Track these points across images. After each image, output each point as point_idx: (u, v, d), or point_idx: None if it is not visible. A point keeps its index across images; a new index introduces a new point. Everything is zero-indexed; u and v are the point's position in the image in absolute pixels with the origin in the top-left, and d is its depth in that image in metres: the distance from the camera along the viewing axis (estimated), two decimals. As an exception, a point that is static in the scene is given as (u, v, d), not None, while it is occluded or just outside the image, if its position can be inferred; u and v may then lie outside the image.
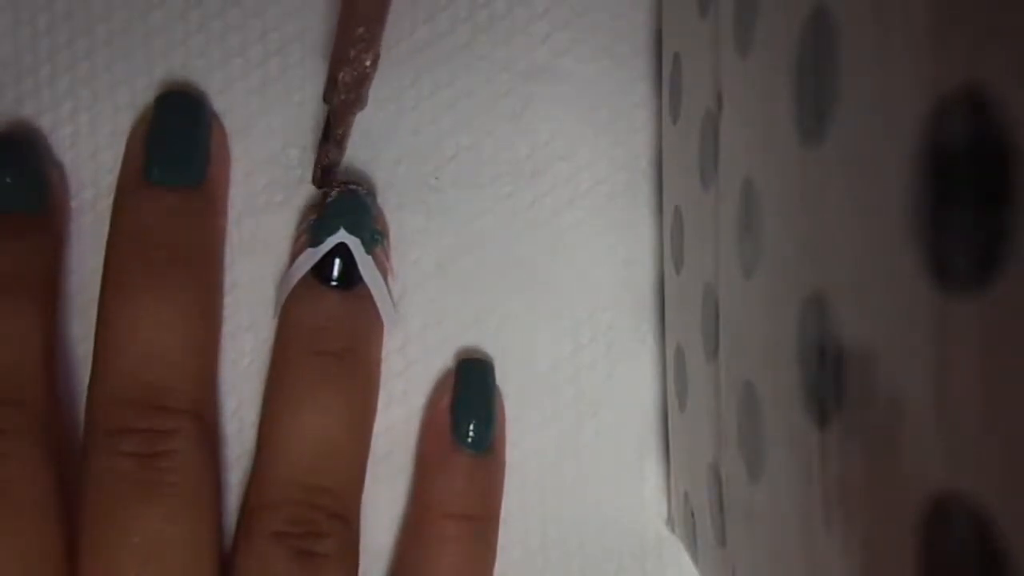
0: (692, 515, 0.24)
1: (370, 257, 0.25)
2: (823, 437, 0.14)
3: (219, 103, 0.27)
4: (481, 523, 0.25)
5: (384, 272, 0.26)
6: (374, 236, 0.25)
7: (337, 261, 0.25)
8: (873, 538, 0.12)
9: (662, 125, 0.26)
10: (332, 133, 0.25)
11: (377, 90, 0.27)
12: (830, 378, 0.14)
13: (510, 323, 0.27)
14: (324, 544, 0.23)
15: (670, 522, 0.27)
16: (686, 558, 0.25)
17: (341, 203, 0.25)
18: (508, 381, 0.27)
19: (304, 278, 0.25)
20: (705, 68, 0.20)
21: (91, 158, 0.27)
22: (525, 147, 0.27)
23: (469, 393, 0.26)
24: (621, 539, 0.27)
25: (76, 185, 0.27)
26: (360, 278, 0.25)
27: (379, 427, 0.27)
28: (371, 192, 0.26)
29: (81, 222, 0.26)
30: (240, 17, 0.27)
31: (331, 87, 0.25)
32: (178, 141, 0.25)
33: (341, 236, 0.25)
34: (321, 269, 0.25)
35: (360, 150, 0.27)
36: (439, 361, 0.27)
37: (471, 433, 0.25)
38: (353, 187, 0.26)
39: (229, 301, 0.27)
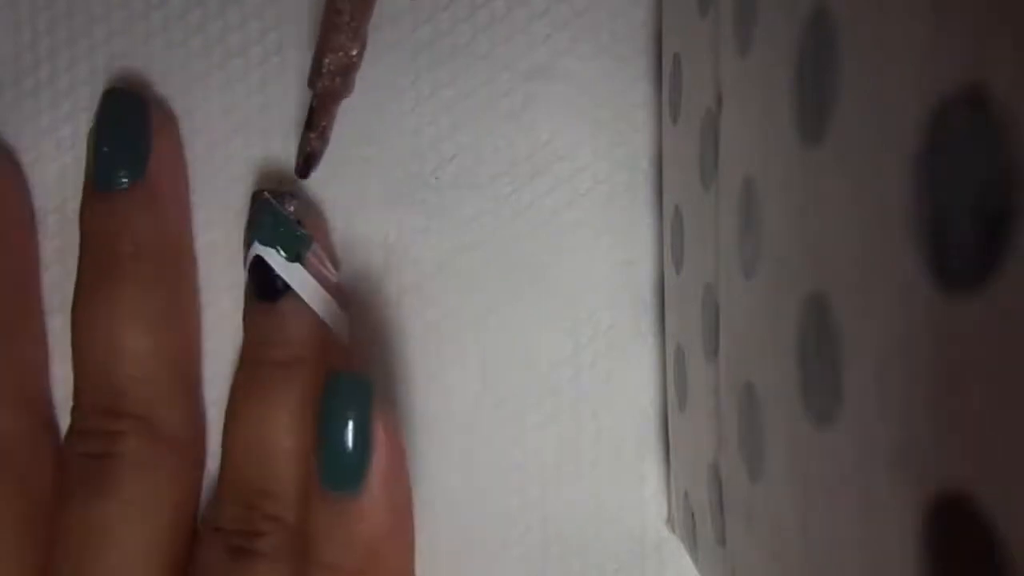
0: (692, 515, 0.24)
1: (296, 264, 0.25)
2: (823, 437, 0.14)
3: (219, 103, 0.27)
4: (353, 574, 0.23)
5: (319, 275, 0.25)
6: (297, 242, 0.25)
7: (258, 274, 0.25)
8: (874, 540, 0.12)
9: (662, 125, 0.26)
10: (315, 122, 0.25)
11: (377, 90, 0.27)
12: (830, 378, 0.14)
13: (510, 323, 0.27)
14: (258, 543, 0.24)
15: (670, 522, 0.27)
16: (686, 558, 0.25)
17: (254, 215, 0.25)
18: (508, 381, 0.27)
19: (248, 294, 0.26)
20: (705, 68, 0.20)
21: (91, 158, 0.27)
22: (525, 147, 0.27)
23: (328, 421, 0.22)
24: (621, 539, 0.27)
25: (76, 185, 0.27)
26: (286, 287, 0.25)
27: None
28: (293, 194, 0.26)
29: (81, 222, 0.27)
30: (240, 17, 0.27)
31: (316, 73, 0.25)
32: (113, 141, 0.25)
33: (256, 249, 0.25)
34: (252, 285, 0.25)
35: (360, 150, 0.27)
36: (439, 360, 0.27)
37: (330, 473, 0.22)
38: (266, 195, 0.25)
39: (229, 301, 0.27)
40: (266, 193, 0.25)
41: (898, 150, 0.11)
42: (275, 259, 0.25)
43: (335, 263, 0.26)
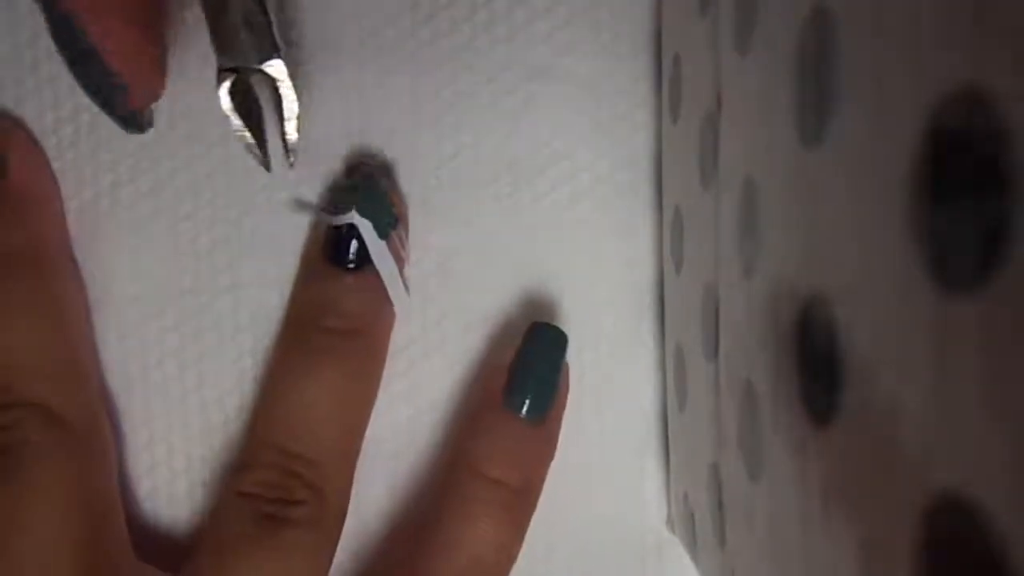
0: (692, 515, 0.24)
1: (383, 242, 0.25)
2: (823, 437, 0.14)
3: (219, 102, 0.27)
4: (513, 494, 0.24)
5: (398, 257, 0.26)
6: (388, 221, 0.25)
7: (351, 243, 0.25)
8: (873, 538, 0.12)
9: (662, 125, 0.26)
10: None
11: (377, 90, 0.27)
12: (830, 378, 0.14)
13: (510, 323, 0.27)
14: (294, 511, 0.23)
15: (670, 522, 0.27)
16: (686, 558, 0.25)
17: (356, 185, 0.25)
18: (508, 381, 0.27)
19: (317, 258, 0.26)
20: (705, 68, 0.20)
21: (91, 158, 0.27)
22: (525, 147, 0.27)
23: (532, 357, 0.25)
24: (621, 539, 0.27)
25: (76, 185, 0.27)
26: (369, 261, 0.25)
27: (383, 426, 0.27)
28: (390, 175, 0.26)
29: (82, 221, 0.27)
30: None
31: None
32: None
33: (352, 218, 0.25)
34: (332, 250, 0.25)
35: (361, 150, 0.27)
36: (440, 361, 0.27)
37: (523, 398, 0.25)
38: (369, 167, 0.26)
39: (229, 301, 0.27)
40: (367, 166, 0.26)
41: (898, 150, 0.11)
42: (368, 231, 0.25)
43: (407, 252, 0.27)
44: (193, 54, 0.27)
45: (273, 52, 0.23)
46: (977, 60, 0.10)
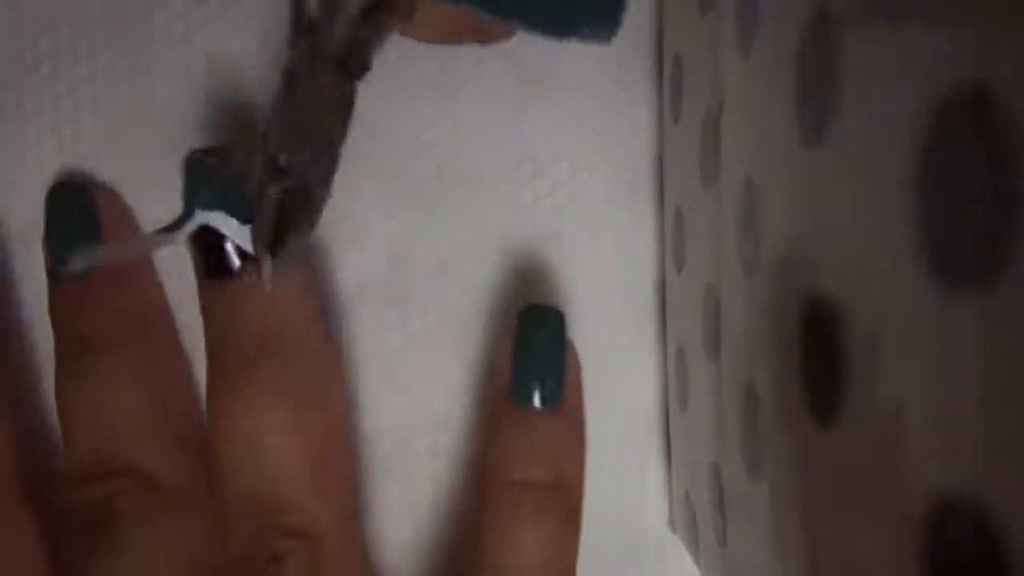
0: (693, 515, 0.24)
1: (249, 227, 0.21)
2: (824, 437, 0.14)
3: (219, 102, 0.27)
4: (548, 492, 0.22)
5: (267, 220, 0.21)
6: (241, 196, 0.21)
7: (222, 248, 0.21)
8: (875, 539, 0.12)
9: (663, 125, 0.26)
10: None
11: (377, 90, 0.27)
12: (831, 378, 0.14)
13: (511, 323, 0.27)
14: (285, 568, 0.21)
15: (672, 522, 0.27)
16: (687, 558, 0.25)
17: (187, 180, 0.22)
18: (509, 381, 0.27)
19: (201, 279, 0.23)
20: (706, 68, 0.20)
21: (91, 158, 0.27)
22: (526, 147, 0.27)
23: (531, 340, 0.23)
24: (622, 539, 0.27)
25: (77, 185, 0.27)
26: (243, 257, 0.21)
27: (383, 426, 0.27)
28: (233, 152, 0.22)
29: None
30: (242, 18, 0.27)
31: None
32: (62, 234, 0.24)
33: (199, 217, 0.21)
34: (208, 267, 0.22)
35: (360, 150, 0.27)
36: (440, 360, 0.27)
37: (531, 388, 0.23)
38: (199, 155, 0.21)
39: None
40: (199, 152, 0.22)
41: (899, 150, 0.11)
42: (224, 223, 0.21)
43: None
44: (192, 52, 0.27)
45: (330, 180, 0.21)
46: (978, 60, 0.10)
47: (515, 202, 0.27)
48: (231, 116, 0.27)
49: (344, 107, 0.21)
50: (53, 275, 0.25)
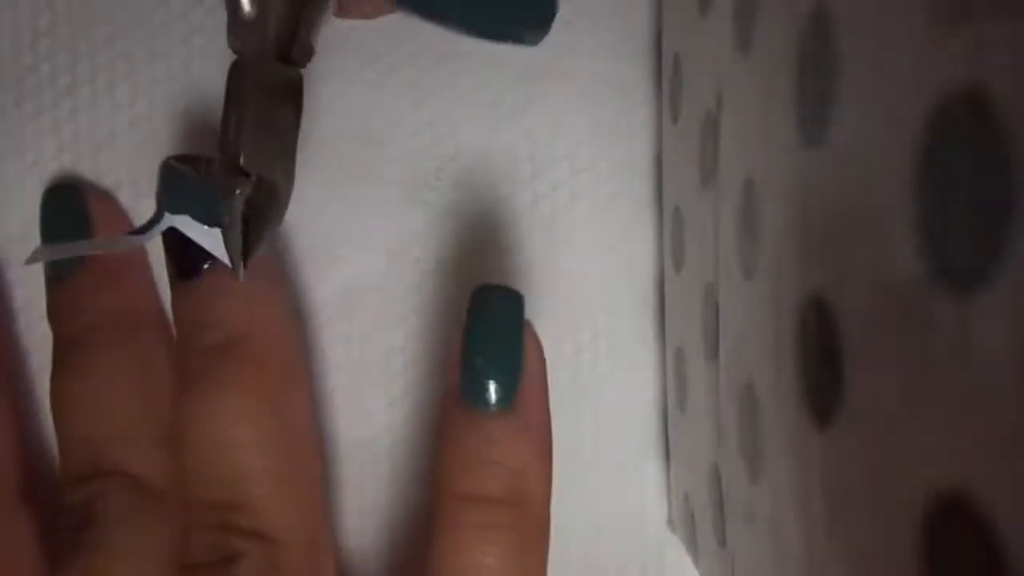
0: (693, 516, 0.24)
1: (216, 230, 0.21)
2: (823, 438, 0.14)
3: (219, 102, 0.26)
4: (506, 507, 0.20)
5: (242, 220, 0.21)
6: (212, 203, 0.21)
7: (188, 248, 0.21)
8: (874, 539, 0.12)
9: (662, 125, 0.26)
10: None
11: (378, 90, 0.27)
12: (830, 379, 0.14)
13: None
14: (239, 568, 0.20)
15: (671, 523, 0.27)
16: (687, 559, 0.25)
17: (158, 186, 0.22)
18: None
19: (172, 278, 0.23)
20: (705, 68, 0.20)
21: (91, 158, 0.27)
22: (525, 147, 0.27)
23: (480, 328, 0.21)
24: (622, 540, 0.27)
25: (76, 185, 0.27)
26: (208, 259, 0.21)
27: (380, 426, 0.27)
28: (210, 159, 0.22)
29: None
30: (240, 17, 0.27)
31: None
32: (56, 235, 0.25)
33: (166, 221, 0.21)
34: (178, 266, 0.22)
35: (361, 150, 0.27)
36: (440, 361, 0.27)
37: (482, 386, 0.20)
38: (170, 162, 0.22)
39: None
40: (171, 160, 0.22)
41: (898, 150, 0.11)
42: (190, 227, 0.21)
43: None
44: (192, 52, 0.27)
45: (292, 168, 0.22)
46: (978, 60, 0.10)
47: (515, 202, 0.27)
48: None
49: (294, 95, 0.22)
50: (51, 277, 0.25)
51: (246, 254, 0.21)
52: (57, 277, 0.25)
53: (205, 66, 0.27)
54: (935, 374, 0.11)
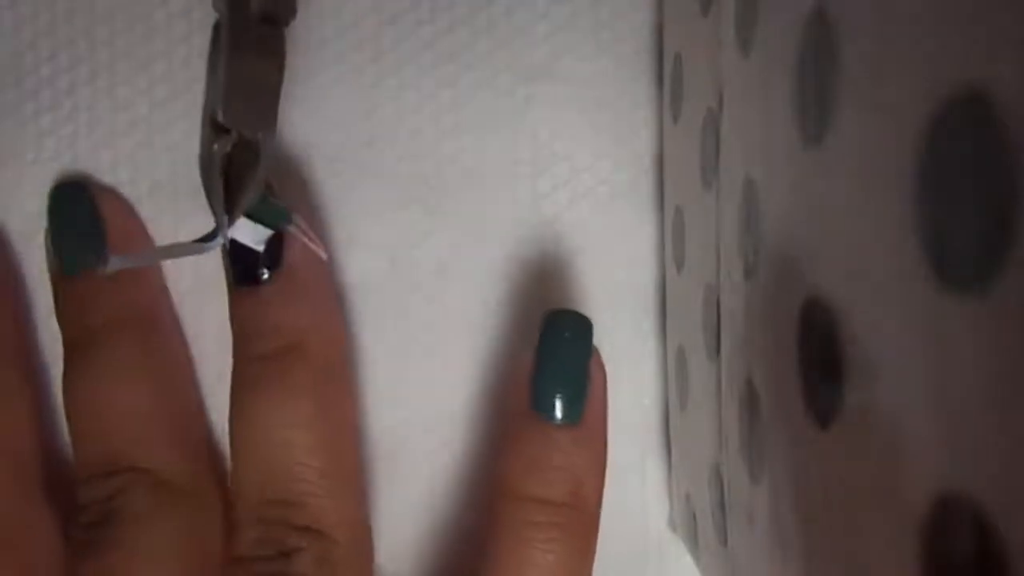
0: (694, 516, 0.24)
1: (273, 239, 0.23)
2: (824, 438, 0.14)
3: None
4: (566, 511, 0.22)
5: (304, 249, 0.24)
6: (272, 214, 0.23)
7: (249, 254, 0.23)
8: (875, 540, 0.12)
9: (663, 125, 0.26)
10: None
11: (378, 91, 0.27)
12: (831, 379, 0.13)
13: (511, 324, 0.27)
14: (294, 563, 0.21)
15: (672, 523, 0.27)
16: (688, 558, 0.25)
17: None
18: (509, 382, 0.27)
19: (229, 286, 0.24)
20: (706, 68, 0.20)
21: (91, 157, 0.27)
22: (526, 147, 0.27)
23: (553, 349, 0.22)
24: (623, 539, 0.27)
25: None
26: (268, 267, 0.23)
27: (381, 428, 0.27)
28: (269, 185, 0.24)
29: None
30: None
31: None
32: (68, 232, 0.25)
33: (231, 230, 0.22)
34: (236, 272, 0.24)
35: (361, 151, 0.27)
36: (440, 360, 0.27)
37: (552, 399, 0.22)
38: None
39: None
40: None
41: (899, 150, 0.11)
42: (250, 235, 0.23)
43: (320, 240, 0.25)
44: (192, 51, 0.27)
45: (273, 126, 0.22)
46: (978, 60, 0.10)
47: (515, 202, 0.27)
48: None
49: (277, 54, 0.22)
50: (60, 274, 0.25)
51: (230, 211, 0.22)
52: (67, 275, 0.25)
53: (205, 66, 0.27)
54: (935, 374, 0.11)
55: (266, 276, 0.23)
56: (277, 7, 0.22)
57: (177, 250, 0.23)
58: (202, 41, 0.27)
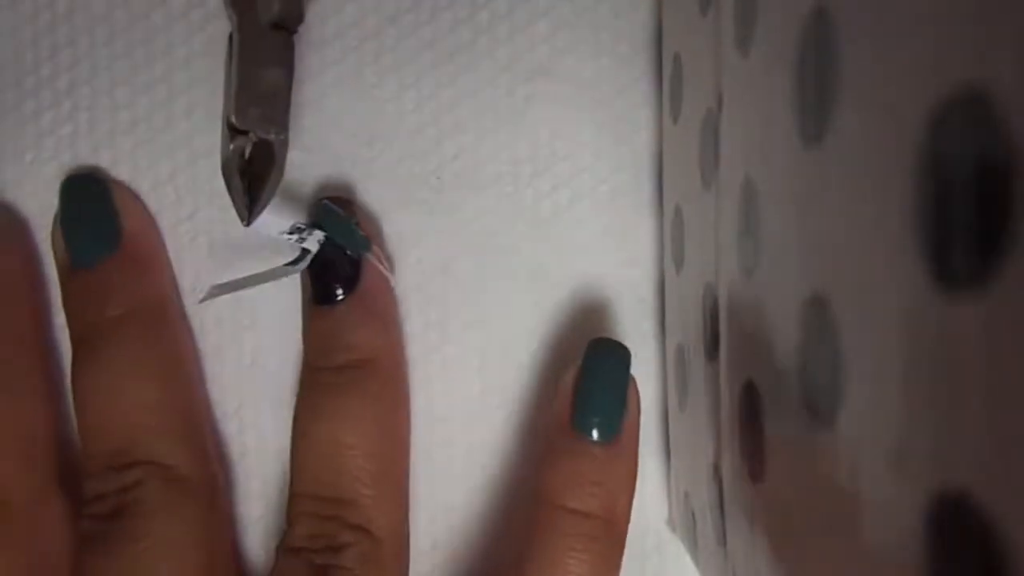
0: (693, 515, 0.24)
1: (354, 260, 0.25)
2: (824, 438, 0.14)
3: (218, 101, 0.27)
4: (599, 525, 0.23)
5: (380, 276, 0.26)
6: (356, 243, 0.25)
7: (319, 277, 0.25)
8: (875, 540, 0.12)
9: (663, 125, 0.26)
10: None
11: (378, 90, 0.27)
12: (830, 378, 0.14)
13: (511, 323, 0.27)
14: (343, 557, 0.23)
15: (671, 522, 0.27)
16: (687, 558, 0.25)
17: (314, 220, 0.25)
18: (509, 381, 0.27)
19: (309, 304, 0.26)
20: (706, 67, 0.20)
21: (91, 157, 0.27)
22: (526, 147, 0.27)
23: (595, 373, 0.24)
24: (622, 539, 0.27)
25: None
26: (346, 289, 0.25)
27: (380, 427, 0.27)
28: (351, 201, 0.27)
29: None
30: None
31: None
32: (82, 224, 0.25)
33: (316, 243, 0.25)
34: (317, 291, 0.25)
35: (362, 150, 0.27)
36: (440, 361, 0.27)
37: (592, 420, 0.24)
38: (325, 202, 0.26)
39: (229, 300, 0.26)
40: (325, 200, 0.25)
41: (898, 150, 0.11)
42: (334, 254, 0.25)
43: (391, 267, 0.26)
44: (192, 51, 0.27)
45: (285, 127, 0.24)
46: (978, 61, 0.10)
47: (516, 202, 0.27)
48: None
49: (287, 59, 0.24)
50: (69, 267, 0.25)
51: (251, 208, 0.24)
52: (76, 268, 0.25)
53: (205, 66, 0.27)
54: (935, 374, 0.11)
55: (342, 297, 0.25)
56: (286, 14, 0.24)
57: (270, 275, 0.25)
58: (202, 41, 0.27)
